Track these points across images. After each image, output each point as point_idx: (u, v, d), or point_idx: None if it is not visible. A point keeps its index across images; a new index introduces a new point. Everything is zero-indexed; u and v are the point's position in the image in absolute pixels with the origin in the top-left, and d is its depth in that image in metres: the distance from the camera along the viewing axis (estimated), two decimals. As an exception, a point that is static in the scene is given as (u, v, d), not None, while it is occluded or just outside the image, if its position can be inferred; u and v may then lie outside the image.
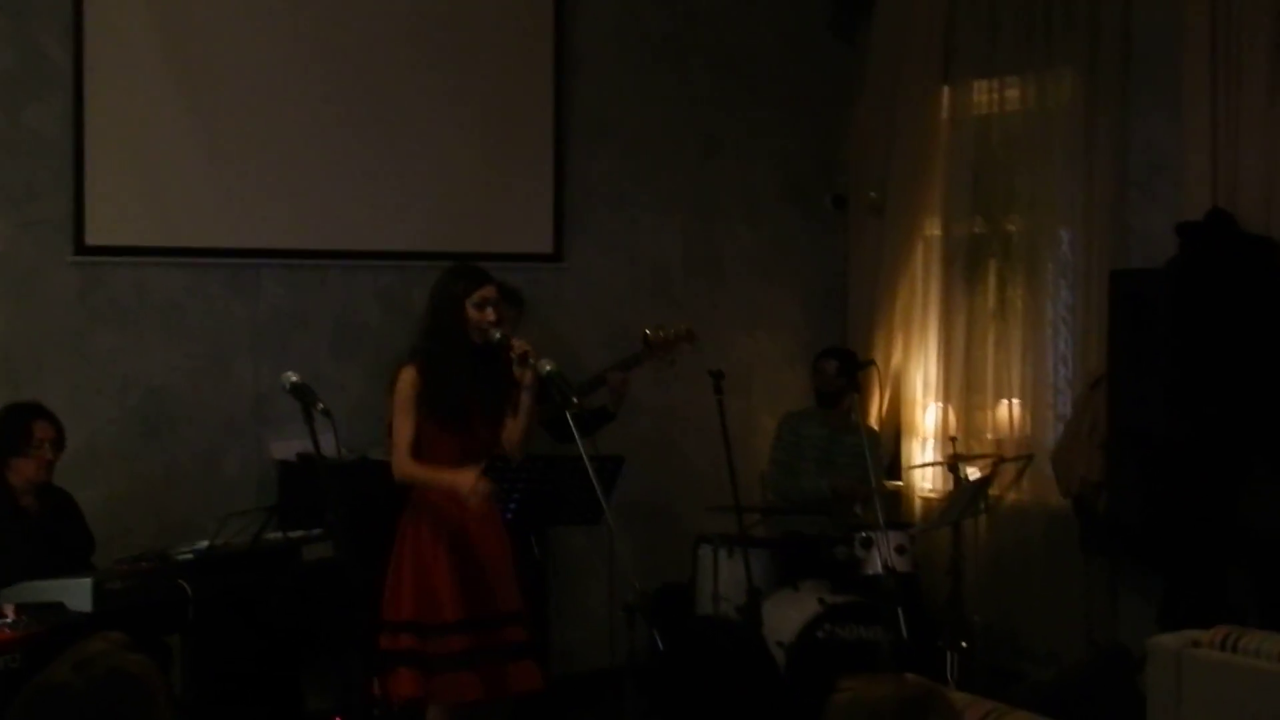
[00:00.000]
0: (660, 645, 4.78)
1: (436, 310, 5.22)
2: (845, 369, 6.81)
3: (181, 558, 5.39)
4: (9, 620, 4.80)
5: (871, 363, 7.09)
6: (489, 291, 5.19)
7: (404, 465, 5.17)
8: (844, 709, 2.48)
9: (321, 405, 4.83)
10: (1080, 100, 6.97)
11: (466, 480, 5.00)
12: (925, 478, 7.64)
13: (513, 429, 5.22)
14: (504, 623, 5.14)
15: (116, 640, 2.33)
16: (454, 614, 5.06)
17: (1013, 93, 7.33)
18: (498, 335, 5.13)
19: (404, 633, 5.09)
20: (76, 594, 4.95)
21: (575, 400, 4.99)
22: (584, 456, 4.88)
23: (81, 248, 6.20)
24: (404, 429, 5.16)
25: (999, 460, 6.64)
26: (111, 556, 5.55)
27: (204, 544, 5.43)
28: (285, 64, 6.60)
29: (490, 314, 5.15)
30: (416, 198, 6.87)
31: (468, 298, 5.16)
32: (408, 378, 5.18)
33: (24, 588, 4.99)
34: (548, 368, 5.05)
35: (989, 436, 7.35)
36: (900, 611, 5.90)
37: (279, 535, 5.72)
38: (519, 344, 5.11)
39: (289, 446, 6.21)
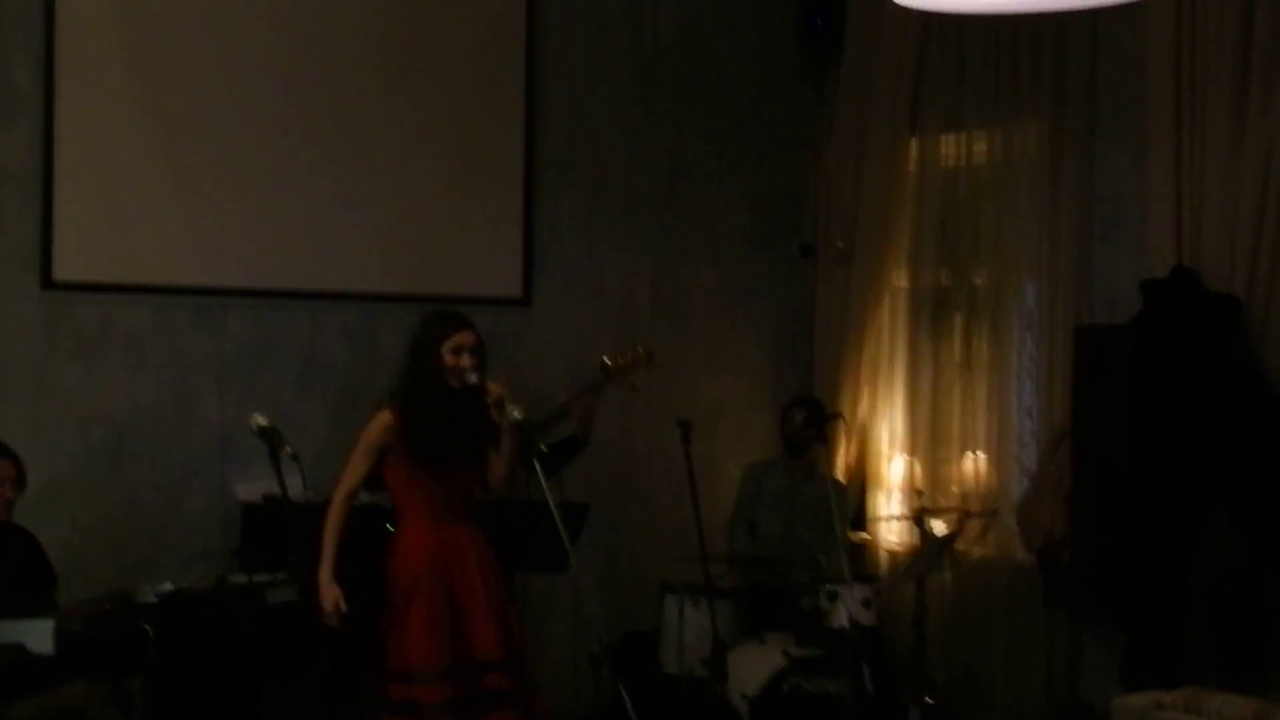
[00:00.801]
0: (626, 701, 4.75)
1: (413, 353, 5.25)
2: (812, 419, 6.82)
3: (144, 600, 5.34)
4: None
5: (839, 415, 7.10)
6: (464, 338, 5.20)
7: (333, 512, 5.23)
8: None
9: (289, 449, 4.81)
10: (1046, 152, 7.02)
11: (330, 596, 5.11)
12: (891, 530, 7.64)
13: (496, 468, 5.23)
14: (485, 669, 5.12)
15: (95, 692, 2.30)
16: (428, 665, 5.04)
17: (979, 145, 7.38)
18: (473, 379, 5.13)
19: (391, 682, 5.09)
20: (38, 635, 4.91)
21: (544, 449, 5.01)
22: (551, 504, 4.89)
23: (48, 282, 6.14)
24: (354, 469, 5.23)
25: (965, 515, 6.66)
26: (72, 593, 5.50)
27: (168, 586, 5.38)
28: (257, 102, 6.57)
29: (466, 359, 5.16)
30: (385, 237, 6.85)
31: (443, 342, 5.17)
32: (381, 420, 5.21)
33: (-16, 628, 4.94)
34: (515, 415, 5.07)
35: (955, 489, 7.36)
36: (865, 666, 5.91)
37: (243, 578, 5.67)
38: (494, 389, 5.12)
39: (254, 488, 6.15)
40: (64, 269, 6.17)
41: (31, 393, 6.11)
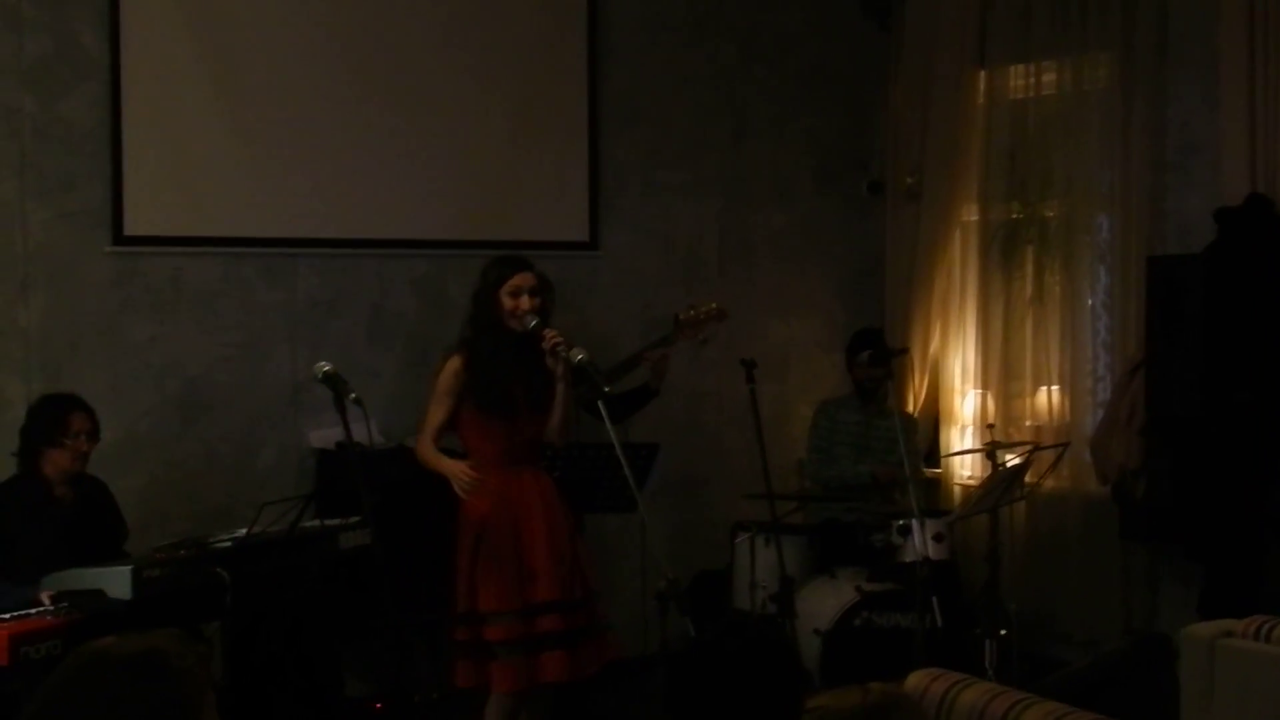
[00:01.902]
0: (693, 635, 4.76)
1: (475, 299, 5.29)
2: (878, 357, 6.79)
3: (219, 546, 5.41)
4: (48, 608, 4.85)
5: (905, 350, 7.07)
6: (522, 279, 5.22)
7: (422, 448, 5.33)
8: None
9: (353, 394, 4.85)
10: (1116, 83, 6.93)
11: (455, 469, 5.20)
12: (964, 465, 7.61)
13: (552, 417, 5.27)
14: (545, 611, 5.16)
15: (175, 634, 2.35)
16: (493, 604, 5.09)
17: (1049, 76, 7.29)
18: (532, 324, 5.16)
19: (458, 624, 5.15)
20: (116, 581, 4.97)
21: (606, 389, 5.02)
22: (616, 446, 4.90)
23: (119, 238, 6.22)
24: (432, 414, 5.30)
25: (1036, 447, 6.62)
26: (150, 544, 5.57)
27: (242, 532, 5.45)
28: (319, 54, 6.60)
29: (525, 301, 5.19)
30: (451, 186, 6.88)
31: (501, 286, 5.21)
32: (451, 367, 5.26)
33: (64, 575, 5.02)
34: (579, 356, 5.08)
35: (1028, 424, 7.32)
36: (935, 599, 5.90)
37: (316, 523, 5.74)
38: (550, 335, 5.14)
39: (328, 435, 6.23)
40: (134, 225, 6.24)
41: (106, 348, 6.19)
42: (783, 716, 2.66)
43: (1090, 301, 7.16)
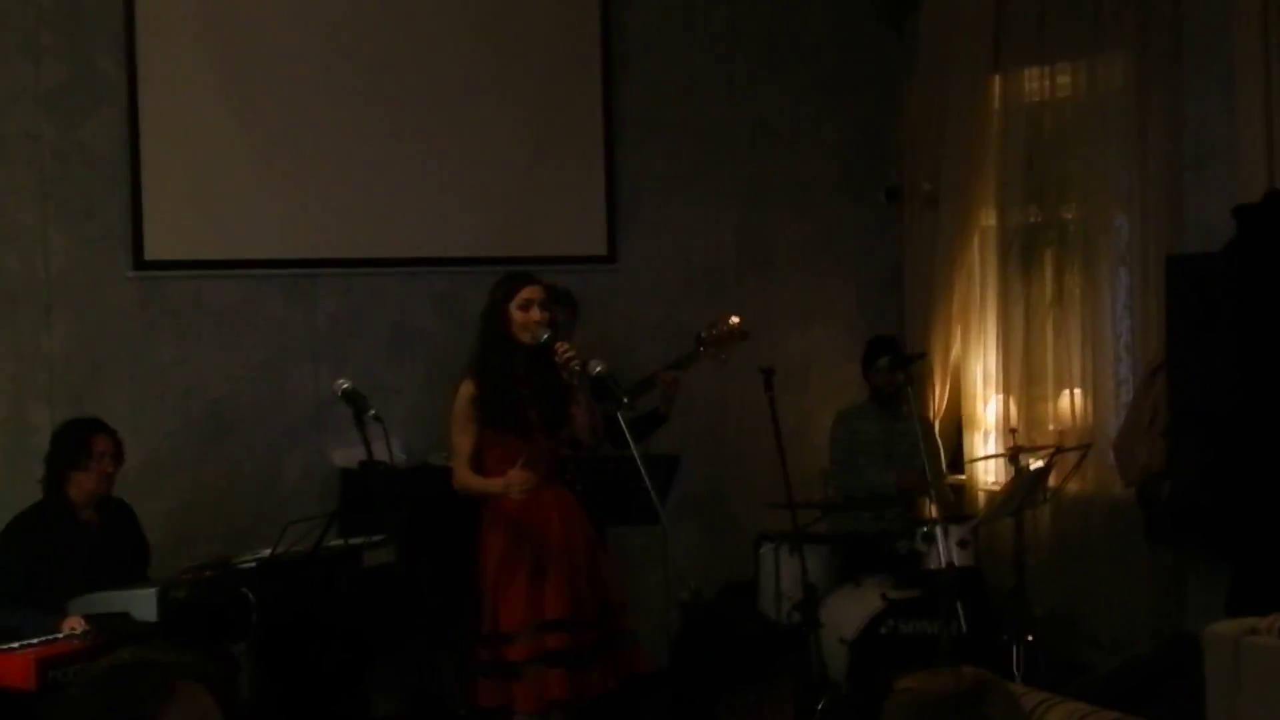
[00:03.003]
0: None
1: (485, 317, 5.28)
2: (898, 363, 6.79)
3: (244, 566, 5.44)
4: (77, 632, 4.88)
5: (923, 355, 7.05)
6: (530, 292, 5.21)
7: (461, 477, 5.28)
8: (902, 708, 2.50)
9: (373, 411, 4.88)
10: (1132, 84, 6.91)
11: (497, 482, 5.14)
12: (988, 471, 7.58)
13: (579, 419, 5.25)
14: (563, 629, 5.16)
15: (167, 648, 2.35)
16: (514, 624, 5.09)
17: (1064, 79, 7.27)
18: (544, 336, 5.15)
19: (479, 645, 5.15)
20: (142, 604, 5.02)
21: (626, 401, 5.02)
22: (637, 458, 4.90)
23: (140, 262, 6.27)
24: (461, 443, 5.26)
25: (1057, 450, 6.59)
26: (176, 566, 5.61)
27: (266, 552, 5.47)
28: (336, 74, 6.64)
29: (535, 314, 5.18)
30: (469, 203, 6.91)
31: (510, 300, 5.20)
32: (465, 391, 5.25)
33: (91, 599, 5.06)
34: (598, 369, 5.08)
35: (1051, 427, 7.29)
36: (960, 606, 5.89)
37: (340, 542, 5.76)
38: (562, 348, 5.12)
39: (351, 454, 6.24)
40: (155, 249, 6.29)
41: (129, 371, 6.24)
42: None
43: (1111, 303, 7.14)
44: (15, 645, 4.79)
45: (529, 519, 5.20)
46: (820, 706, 5.86)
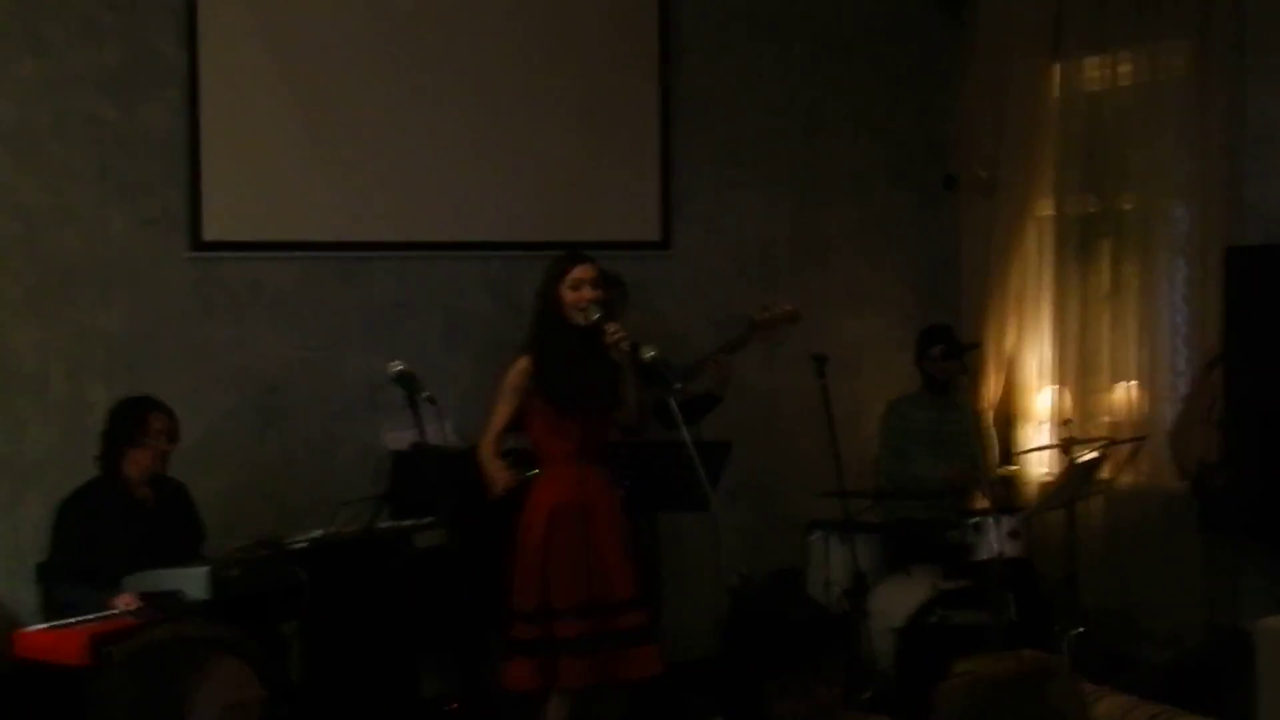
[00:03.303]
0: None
1: (539, 298, 5.31)
2: (951, 351, 6.76)
3: (296, 546, 5.47)
4: (131, 609, 4.94)
5: (977, 345, 7.02)
6: (582, 272, 5.23)
7: (481, 448, 5.34)
8: (962, 691, 2.48)
9: (426, 393, 4.90)
10: (1193, 73, 6.84)
11: (496, 475, 5.24)
12: (1041, 462, 7.53)
13: (627, 399, 5.27)
14: (619, 609, 5.18)
15: (202, 623, 2.36)
16: (565, 600, 5.11)
17: (1124, 67, 7.21)
18: (596, 316, 5.15)
19: (520, 622, 5.17)
20: (194, 582, 5.06)
21: (678, 385, 5.02)
22: (688, 443, 4.90)
23: (198, 243, 6.31)
24: (498, 414, 5.31)
25: (1110, 442, 6.55)
26: (229, 545, 5.64)
27: (318, 532, 5.51)
28: (393, 59, 6.66)
29: (587, 293, 5.19)
30: (524, 187, 6.92)
31: (562, 280, 5.22)
32: (519, 365, 5.29)
33: (143, 576, 5.11)
34: (650, 353, 5.08)
35: (1105, 419, 7.24)
36: (1012, 596, 5.86)
37: (392, 523, 5.80)
38: (612, 329, 5.13)
39: (403, 436, 6.27)
40: (212, 230, 6.33)
41: (185, 351, 6.28)
42: None
43: (1168, 294, 7.08)
44: (71, 621, 4.86)
45: (580, 497, 5.22)
46: (868, 694, 5.85)
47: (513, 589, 5.23)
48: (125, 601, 4.99)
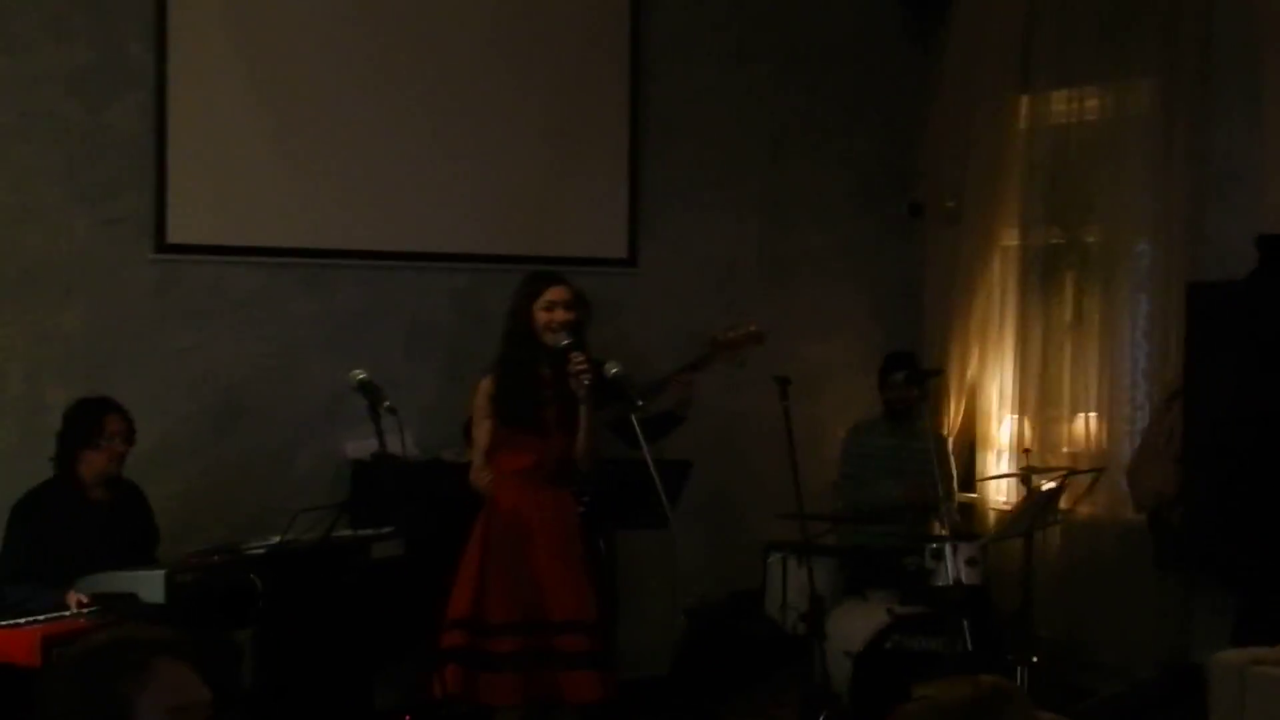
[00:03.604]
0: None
1: (510, 315, 5.28)
2: (913, 378, 6.77)
3: (252, 552, 5.44)
4: (81, 611, 4.89)
5: (940, 371, 7.04)
6: (556, 293, 5.21)
7: (473, 472, 5.29)
8: (919, 715, 2.49)
9: (388, 403, 4.88)
10: (1159, 109, 6.91)
11: (487, 487, 5.21)
12: (999, 491, 7.57)
13: (578, 439, 5.23)
14: (558, 630, 5.13)
15: (145, 626, 2.33)
16: (502, 616, 5.07)
17: (1091, 102, 7.27)
18: (564, 342, 5.12)
19: (455, 629, 5.12)
20: (149, 585, 5.02)
21: (640, 403, 5.01)
22: (649, 461, 4.89)
23: (162, 245, 6.28)
24: (480, 436, 5.25)
25: (1069, 472, 6.58)
26: (185, 550, 5.61)
27: (275, 539, 5.48)
28: (362, 67, 6.66)
29: (560, 315, 5.17)
30: (491, 200, 6.91)
31: (535, 300, 5.20)
32: (485, 387, 5.25)
33: (98, 578, 5.06)
34: (614, 370, 5.07)
35: (1065, 450, 7.28)
36: (967, 624, 5.87)
37: (349, 533, 5.77)
38: (577, 360, 5.08)
39: (363, 446, 6.25)
40: (177, 233, 6.30)
41: (145, 354, 6.25)
42: None
43: (1130, 328, 7.12)
44: (21, 621, 4.80)
45: (524, 514, 5.19)
46: (822, 718, 5.84)
47: (450, 596, 5.18)
48: (75, 601, 4.94)
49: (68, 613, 4.88)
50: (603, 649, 5.26)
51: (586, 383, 5.09)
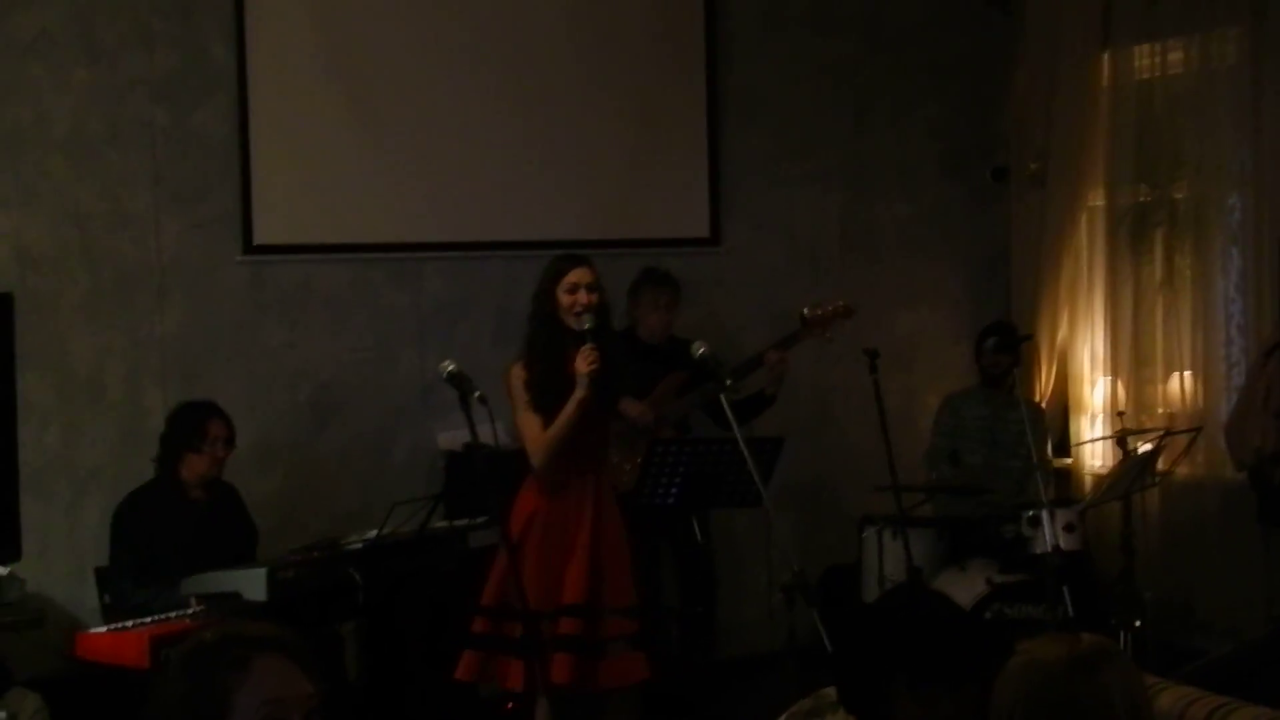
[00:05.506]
0: (822, 631, 4.69)
1: (535, 298, 5.21)
2: (1004, 344, 6.72)
3: (351, 547, 5.50)
4: (189, 611, 4.98)
5: (1029, 336, 6.97)
6: (578, 275, 5.12)
7: (539, 451, 5.15)
8: (1017, 671, 2.49)
9: (478, 393, 4.89)
10: (1246, 59, 6.79)
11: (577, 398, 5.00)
12: (1095, 455, 7.48)
13: (628, 410, 5.16)
14: (605, 615, 5.10)
15: (247, 623, 2.39)
16: (549, 603, 5.03)
17: (1175, 55, 7.15)
18: (588, 326, 5.07)
19: (478, 615, 5.10)
20: (252, 583, 5.09)
21: (729, 382, 4.98)
22: (739, 439, 4.88)
23: (249, 246, 6.36)
24: (529, 424, 5.15)
25: (1166, 433, 6.50)
26: (286, 546, 5.68)
27: (373, 533, 5.54)
28: (442, 60, 6.70)
29: (582, 297, 5.09)
30: (573, 187, 6.93)
31: (558, 282, 5.13)
32: (517, 374, 5.17)
33: (202, 578, 5.15)
34: (700, 350, 5.03)
35: (1160, 410, 7.20)
36: (1066, 590, 5.82)
37: (445, 523, 5.82)
38: (587, 351, 5.02)
39: (456, 437, 6.29)
40: (264, 233, 6.38)
41: (239, 354, 6.34)
42: None
43: (1223, 284, 7.01)
44: (129, 624, 4.90)
45: (561, 502, 5.17)
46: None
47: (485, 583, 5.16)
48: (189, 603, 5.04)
49: (174, 614, 4.97)
50: (641, 632, 5.21)
51: (589, 377, 5.02)
